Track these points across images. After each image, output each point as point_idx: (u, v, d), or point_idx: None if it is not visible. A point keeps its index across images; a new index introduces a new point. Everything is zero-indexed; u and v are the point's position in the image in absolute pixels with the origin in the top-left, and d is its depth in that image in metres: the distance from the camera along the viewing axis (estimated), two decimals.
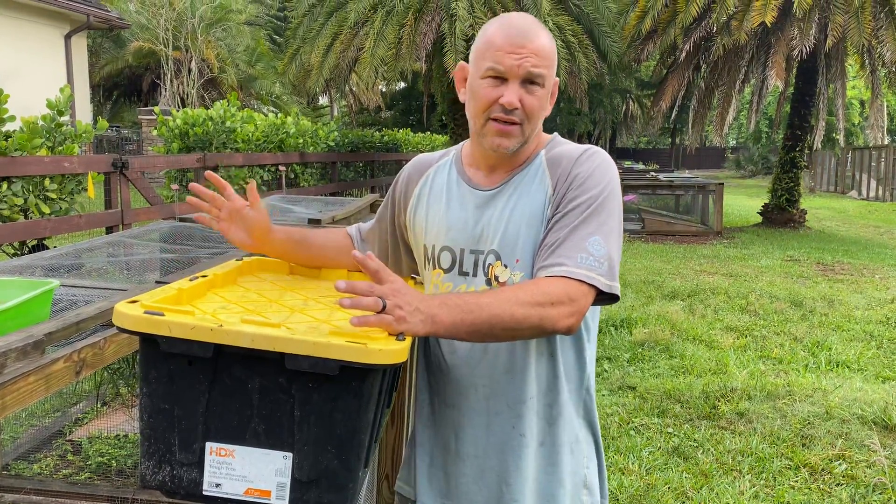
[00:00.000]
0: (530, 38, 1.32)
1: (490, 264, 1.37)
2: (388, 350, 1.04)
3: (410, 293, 1.13)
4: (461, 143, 1.55)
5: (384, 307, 1.09)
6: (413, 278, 1.61)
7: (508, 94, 1.31)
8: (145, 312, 1.06)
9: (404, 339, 1.08)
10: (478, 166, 1.45)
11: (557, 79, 1.40)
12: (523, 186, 1.39)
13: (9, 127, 4.76)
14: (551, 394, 1.39)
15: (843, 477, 3.38)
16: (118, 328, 1.07)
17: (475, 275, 1.39)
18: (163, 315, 1.06)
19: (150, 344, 1.07)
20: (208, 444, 1.10)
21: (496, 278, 1.36)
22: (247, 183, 8.42)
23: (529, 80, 1.32)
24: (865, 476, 3.37)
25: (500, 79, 1.32)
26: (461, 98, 1.43)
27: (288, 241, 1.52)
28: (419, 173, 1.53)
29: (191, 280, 1.28)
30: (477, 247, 1.39)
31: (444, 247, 1.42)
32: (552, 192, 1.35)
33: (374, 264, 1.15)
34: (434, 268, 1.44)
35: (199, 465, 1.10)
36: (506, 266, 1.36)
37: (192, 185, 1.44)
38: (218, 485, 1.10)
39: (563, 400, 1.40)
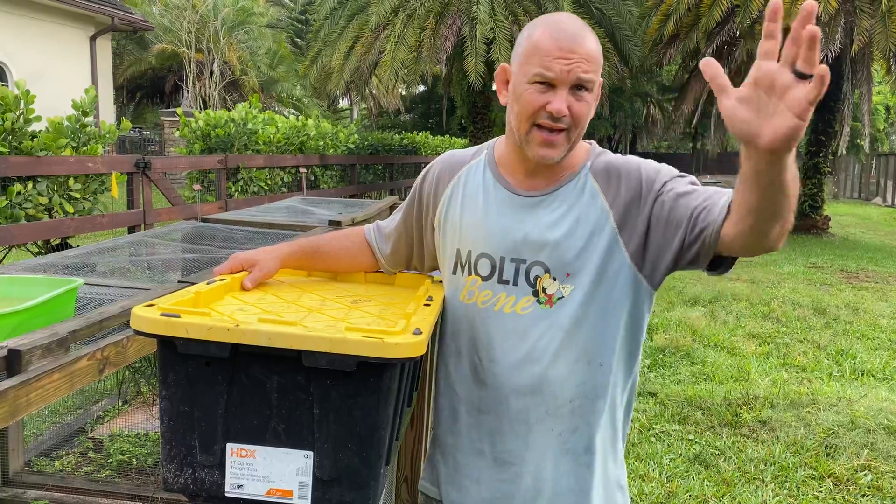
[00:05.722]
0: (579, 43, 1.26)
1: (538, 276, 1.33)
2: (404, 343, 1.03)
3: None
4: (492, 142, 1.49)
5: None
6: (431, 277, 1.58)
7: (557, 101, 1.26)
8: (162, 315, 1.06)
9: (421, 334, 1.07)
10: (514, 170, 1.40)
11: (601, 80, 1.35)
12: (573, 201, 1.34)
13: (35, 127, 4.82)
14: (594, 398, 1.35)
15: (869, 488, 3.31)
16: (135, 331, 1.07)
17: (516, 283, 1.35)
18: (179, 317, 1.05)
19: (168, 346, 1.07)
20: (229, 446, 1.09)
21: (544, 290, 1.33)
22: (267, 185, 8.32)
23: (578, 86, 1.27)
24: (892, 487, 3.30)
25: (548, 85, 1.27)
26: (502, 101, 1.38)
27: (302, 258, 1.54)
28: (451, 172, 1.48)
29: (208, 283, 1.28)
30: (518, 255, 1.35)
31: (482, 254, 1.38)
32: (609, 208, 1.32)
33: None
34: (469, 274, 1.39)
35: (221, 466, 1.09)
36: (555, 279, 1.32)
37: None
38: (240, 486, 1.09)
39: (606, 405, 1.36)
